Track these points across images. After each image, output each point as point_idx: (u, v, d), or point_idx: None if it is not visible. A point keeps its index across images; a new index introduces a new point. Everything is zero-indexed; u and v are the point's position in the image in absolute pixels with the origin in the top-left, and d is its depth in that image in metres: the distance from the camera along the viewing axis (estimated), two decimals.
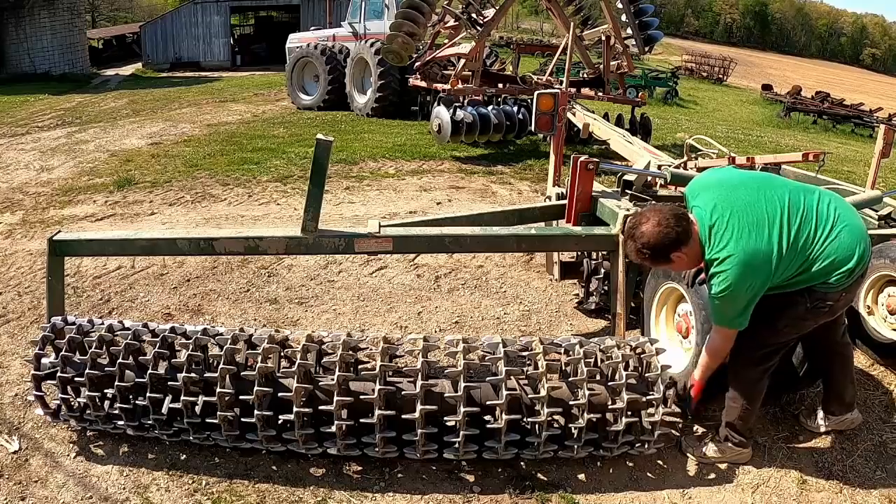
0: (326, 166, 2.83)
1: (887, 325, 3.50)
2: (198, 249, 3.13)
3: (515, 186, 7.61)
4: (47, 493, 2.59)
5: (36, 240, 5.45)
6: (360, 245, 3.09)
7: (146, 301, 4.29)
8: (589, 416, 2.56)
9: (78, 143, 9.97)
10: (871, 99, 29.47)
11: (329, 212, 6.18)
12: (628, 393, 2.59)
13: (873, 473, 2.86)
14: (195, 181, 7.40)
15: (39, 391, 2.74)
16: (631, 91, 11.53)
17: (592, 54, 10.94)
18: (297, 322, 4.03)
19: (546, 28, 56.68)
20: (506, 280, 4.73)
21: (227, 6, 30.58)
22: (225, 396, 2.54)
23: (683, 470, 2.82)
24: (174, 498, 2.56)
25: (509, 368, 2.58)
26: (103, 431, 2.82)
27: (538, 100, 4.14)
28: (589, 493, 2.66)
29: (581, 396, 2.58)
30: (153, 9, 52.03)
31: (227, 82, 22.13)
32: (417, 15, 9.02)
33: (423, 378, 2.54)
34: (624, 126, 9.06)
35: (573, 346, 2.69)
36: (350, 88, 12.90)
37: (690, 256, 2.48)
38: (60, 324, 2.80)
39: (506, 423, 2.52)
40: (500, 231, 3.34)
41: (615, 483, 2.73)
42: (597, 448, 2.69)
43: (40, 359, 2.73)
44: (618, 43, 9.83)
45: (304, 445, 2.61)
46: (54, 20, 25.18)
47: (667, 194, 4.28)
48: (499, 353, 2.61)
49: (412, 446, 2.59)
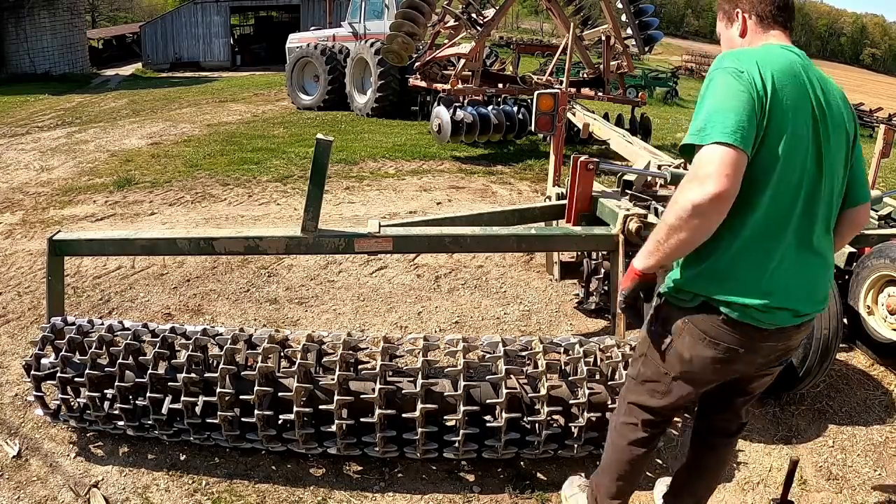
0: (326, 166, 2.83)
1: (887, 325, 3.51)
2: (198, 249, 3.13)
3: (515, 186, 7.61)
4: (47, 492, 2.59)
5: (36, 240, 5.45)
6: (360, 245, 3.09)
7: (146, 301, 4.29)
8: (589, 416, 2.57)
9: (78, 143, 9.97)
10: (871, 99, 29.47)
11: (329, 212, 6.18)
12: None
13: (873, 473, 2.86)
14: (195, 181, 7.40)
15: (39, 391, 2.74)
16: (631, 91, 11.53)
17: (592, 54, 10.94)
18: (297, 322, 4.03)
19: (546, 28, 56.70)
20: (506, 280, 4.73)
21: (227, 6, 30.59)
22: (225, 396, 2.54)
23: None
24: (174, 498, 2.56)
25: (509, 367, 2.58)
26: (103, 432, 2.82)
27: (538, 100, 4.14)
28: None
29: (581, 396, 2.59)
30: (153, 9, 52.05)
31: (227, 82, 22.13)
32: (417, 15, 9.02)
33: (423, 377, 2.55)
34: (624, 126, 9.06)
35: (573, 346, 2.69)
36: (350, 88, 12.91)
37: (729, 36, 1.93)
38: (60, 324, 2.80)
39: (505, 422, 2.52)
40: (500, 231, 3.34)
41: None
42: (597, 447, 2.69)
43: (40, 359, 2.73)
44: (618, 43, 9.84)
45: (304, 445, 2.61)
46: (54, 20, 25.17)
47: (667, 194, 4.28)
48: (498, 352, 2.61)
49: (412, 445, 2.59)
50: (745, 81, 1.63)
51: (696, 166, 1.62)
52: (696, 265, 1.77)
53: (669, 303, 1.87)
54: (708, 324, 1.77)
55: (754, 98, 1.62)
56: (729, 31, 1.93)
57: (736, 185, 1.58)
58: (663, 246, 1.71)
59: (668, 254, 1.72)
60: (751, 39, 1.87)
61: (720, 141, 1.57)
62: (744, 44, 1.87)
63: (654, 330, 1.93)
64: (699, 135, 1.63)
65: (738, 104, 1.61)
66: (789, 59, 1.73)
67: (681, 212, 1.61)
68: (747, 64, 1.66)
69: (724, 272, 1.73)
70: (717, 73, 1.70)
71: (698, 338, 1.79)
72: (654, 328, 1.93)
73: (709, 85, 1.71)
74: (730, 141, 1.57)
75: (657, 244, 1.73)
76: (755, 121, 1.61)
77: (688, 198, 1.59)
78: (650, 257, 1.78)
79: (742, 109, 1.60)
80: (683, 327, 1.82)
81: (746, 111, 1.60)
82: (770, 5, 1.83)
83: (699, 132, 1.63)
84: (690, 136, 1.66)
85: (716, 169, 1.56)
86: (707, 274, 1.75)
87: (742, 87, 1.62)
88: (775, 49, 1.77)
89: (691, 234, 1.64)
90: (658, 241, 1.72)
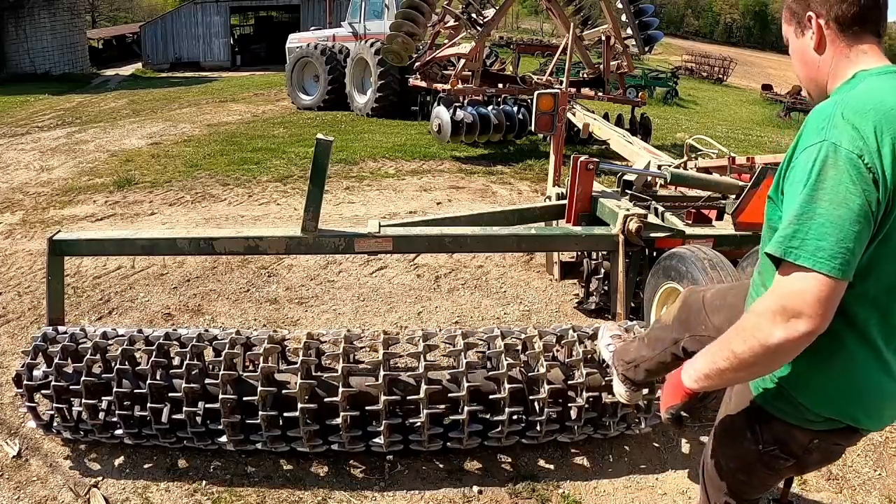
0: (326, 166, 2.84)
1: None
2: (198, 249, 3.13)
3: (515, 186, 7.61)
4: (47, 492, 2.59)
5: (36, 240, 5.45)
6: (360, 245, 3.09)
7: (146, 301, 4.29)
8: (587, 396, 2.61)
9: (78, 143, 9.97)
10: None
11: (329, 212, 6.18)
12: None
13: (873, 473, 2.86)
14: (195, 181, 7.40)
15: (32, 402, 2.68)
16: (631, 91, 11.52)
17: (592, 54, 10.94)
18: (297, 322, 4.03)
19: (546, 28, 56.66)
20: (506, 280, 4.73)
21: (227, 6, 30.58)
22: (227, 402, 2.54)
23: (683, 469, 2.81)
24: (174, 498, 2.56)
25: (508, 342, 2.65)
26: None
27: (538, 100, 4.14)
28: (589, 493, 2.66)
29: (578, 377, 2.63)
30: (153, 9, 52.02)
31: (227, 82, 22.14)
32: (417, 15, 9.03)
33: (423, 361, 2.60)
34: (624, 126, 9.06)
35: (567, 332, 2.75)
36: (350, 88, 12.91)
37: (802, 48, 1.46)
38: (52, 333, 2.75)
39: (508, 395, 2.55)
40: (500, 231, 3.34)
41: (615, 482, 2.73)
42: (596, 429, 2.71)
43: (32, 369, 2.67)
44: (618, 43, 9.84)
45: (308, 443, 2.61)
46: (54, 20, 25.20)
47: (667, 194, 4.28)
48: (495, 333, 2.69)
49: (417, 433, 2.61)
50: (865, 173, 1.21)
51: (783, 295, 1.25)
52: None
53: (788, 423, 1.48)
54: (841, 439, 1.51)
55: (871, 199, 1.22)
56: (799, 41, 1.46)
57: (828, 321, 1.24)
58: (726, 375, 1.37)
59: (728, 383, 1.45)
60: (832, 57, 1.40)
61: (825, 272, 1.20)
62: (823, 63, 1.41)
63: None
64: (793, 249, 1.24)
65: (850, 214, 1.20)
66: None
67: (759, 349, 1.27)
68: (865, 136, 1.23)
69: None
70: (831, 156, 1.23)
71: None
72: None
73: (820, 172, 1.23)
74: (835, 275, 1.20)
75: (719, 372, 1.37)
76: (870, 230, 1.24)
77: (772, 336, 1.25)
78: (706, 380, 1.43)
79: (855, 220, 1.21)
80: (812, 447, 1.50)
81: (860, 223, 1.21)
82: (855, 6, 1.35)
83: (790, 241, 1.24)
84: (781, 246, 1.25)
85: (810, 306, 1.22)
86: None
87: (859, 184, 1.21)
88: (885, 90, 1.30)
89: (763, 370, 1.36)
90: (720, 369, 1.37)
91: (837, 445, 1.53)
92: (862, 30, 1.37)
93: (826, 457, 1.57)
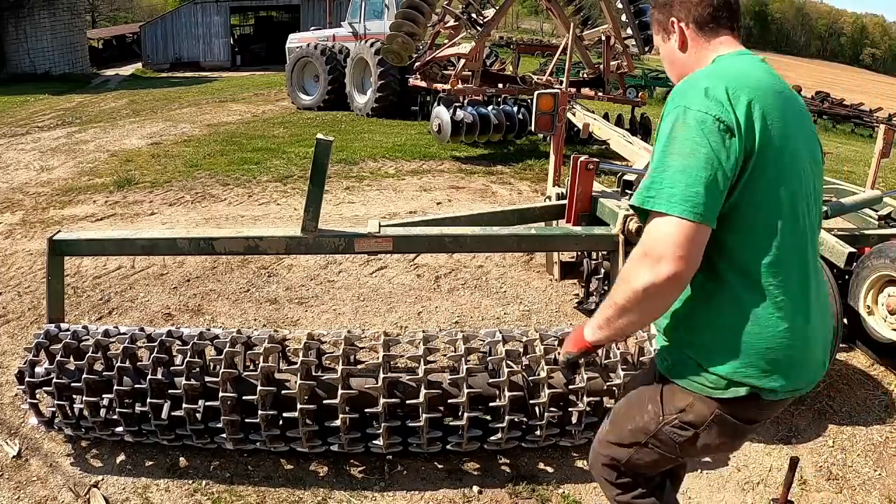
0: (326, 166, 2.83)
1: (887, 325, 3.51)
2: (198, 249, 3.13)
3: (515, 186, 7.61)
4: (47, 492, 2.59)
5: (36, 240, 5.45)
6: (360, 245, 3.09)
7: (146, 301, 4.29)
8: (588, 400, 2.60)
9: (78, 143, 9.97)
10: (870, 99, 29.46)
11: (329, 212, 6.18)
12: (624, 368, 2.62)
13: (873, 473, 2.86)
14: (195, 181, 7.40)
15: (34, 399, 2.69)
16: (631, 91, 11.53)
17: (592, 54, 10.94)
18: (297, 322, 4.03)
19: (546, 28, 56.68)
20: (506, 280, 4.73)
21: (227, 6, 30.60)
22: (227, 401, 2.54)
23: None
24: (174, 498, 2.56)
25: (509, 349, 2.64)
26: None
27: (538, 100, 4.14)
28: (589, 493, 2.66)
29: (579, 381, 2.62)
30: (153, 9, 52.06)
31: (227, 82, 22.14)
32: (417, 15, 9.03)
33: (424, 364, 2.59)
34: (624, 126, 9.06)
35: (566, 333, 2.73)
36: (350, 88, 12.90)
37: (669, 50, 1.66)
38: (54, 331, 2.76)
39: (507, 403, 2.55)
40: (500, 231, 3.33)
41: None
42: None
43: (34, 366, 2.68)
44: (618, 43, 9.84)
45: (307, 443, 2.61)
46: (54, 20, 25.20)
47: None
48: (497, 338, 2.68)
49: (416, 436, 2.61)
50: (715, 129, 1.35)
51: (647, 242, 1.38)
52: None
53: (690, 391, 1.55)
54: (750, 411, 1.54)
55: (717, 149, 1.35)
56: (667, 45, 1.65)
57: (694, 265, 1.36)
58: (614, 324, 1.51)
59: (618, 332, 1.54)
60: (695, 52, 1.59)
61: (677, 214, 1.33)
62: (688, 59, 1.60)
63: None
64: (650, 198, 1.38)
65: (697, 162, 1.35)
66: (757, 74, 1.47)
67: (631, 293, 1.41)
68: (717, 96, 1.38)
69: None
70: (680, 116, 1.40)
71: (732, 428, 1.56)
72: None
73: (670, 131, 1.40)
74: (688, 216, 1.33)
75: (607, 321, 1.52)
76: (728, 181, 1.37)
77: (639, 279, 1.38)
78: (601, 331, 1.57)
79: (702, 167, 1.34)
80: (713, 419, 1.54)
81: (708, 169, 1.34)
82: (708, 7, 1.55)
83: (647, 192, 1.39)
84: (640, 196, 1.41)
85: (670, 249, 1.34)
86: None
87: (706, 136, 1.35)
88: (738, 63, 1.51)
89: (642, 316, 1.46)
90: (608, 318, 1.52)
91: (740, 422, 1.54)
92: (717, 26, 1.57)
93: (726, 434, 1.56)
